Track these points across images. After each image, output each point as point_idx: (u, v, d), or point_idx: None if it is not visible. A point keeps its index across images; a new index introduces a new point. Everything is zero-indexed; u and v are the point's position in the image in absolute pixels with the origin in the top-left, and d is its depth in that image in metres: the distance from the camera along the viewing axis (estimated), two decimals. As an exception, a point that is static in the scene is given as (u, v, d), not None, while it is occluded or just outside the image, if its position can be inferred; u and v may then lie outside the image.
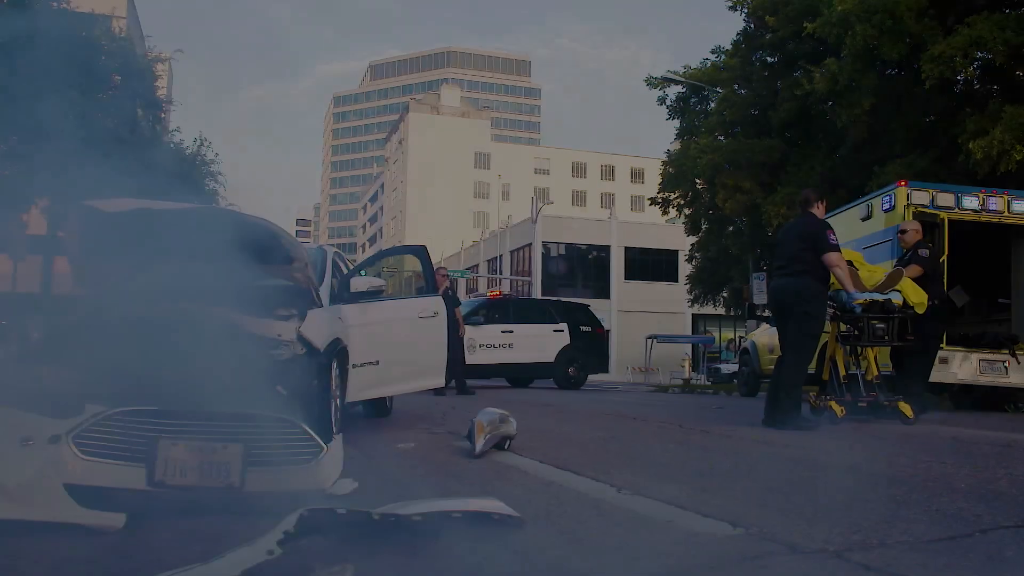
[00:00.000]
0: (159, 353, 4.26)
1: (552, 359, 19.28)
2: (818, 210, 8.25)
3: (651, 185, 32.84)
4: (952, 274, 11.08)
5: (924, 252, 9.42)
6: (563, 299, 34.56)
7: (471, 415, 5.82)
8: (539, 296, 45.57)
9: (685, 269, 35.18)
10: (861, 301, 8.31)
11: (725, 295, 31.45)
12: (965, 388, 11.75)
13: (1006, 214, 11.70)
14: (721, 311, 34.80)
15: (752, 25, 26.11)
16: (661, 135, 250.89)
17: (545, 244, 52.47)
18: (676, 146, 31.12)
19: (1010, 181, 15.64)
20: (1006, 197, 11.74)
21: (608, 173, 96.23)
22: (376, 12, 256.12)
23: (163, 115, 19.33)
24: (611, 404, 12.79)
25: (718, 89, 27.44)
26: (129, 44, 19.30)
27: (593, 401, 13.68)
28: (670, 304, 50.61)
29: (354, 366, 6.60)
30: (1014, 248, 12.32)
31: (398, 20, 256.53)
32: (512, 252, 57.61)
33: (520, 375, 20.06)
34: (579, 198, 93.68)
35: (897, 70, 20.43)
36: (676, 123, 31.04)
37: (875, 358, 8.88)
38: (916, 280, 8.88)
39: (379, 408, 8.55)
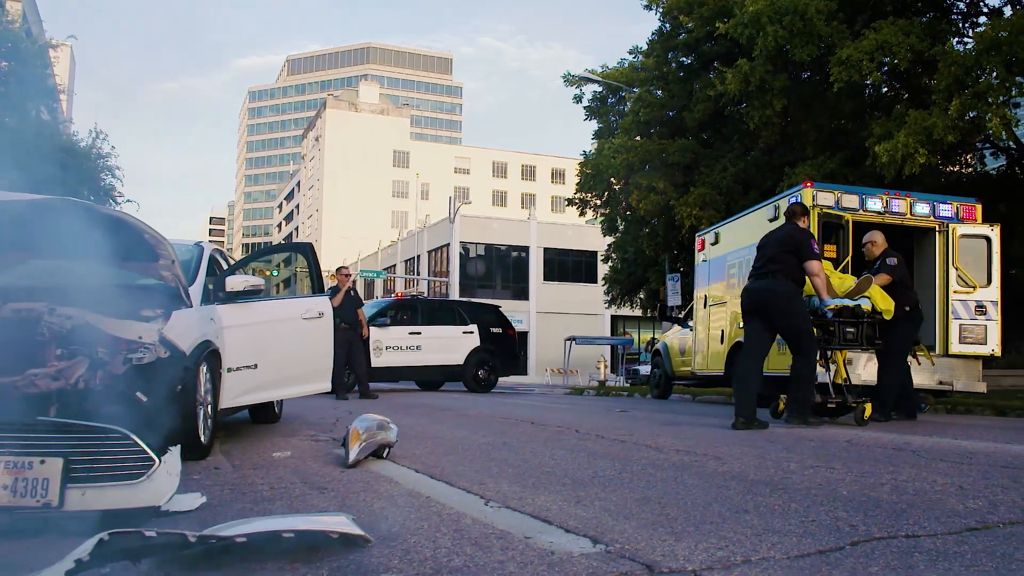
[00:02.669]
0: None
1: (462, 361, 19.00)
2: (803, 223, 8.62)
3: (572, 186, 32.80)
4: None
5: (892, 261, 9.73)
6: (474, 300, 34.34)
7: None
8: (456, 297, 45.26)
9: (603, 270, 35.14)
10: (833, 307, 8.64)
11: (642, 296, 31.43)
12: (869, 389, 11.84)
13: (908, 216, 11.88)
14: (639, 312, 34.85)
15: (667, 25, 26.21)
16: (583, 136, 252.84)
17: (463, 244, 52.12)
18: (594, 147, 31.09)
19: (915, 184, 15.92)
20: (909, 199, 11.95)
21: (529, 173, 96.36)
22: (295, 5, 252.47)
23: (56, 104, 18.49)
24: (516, 408, 12.58)
25: (634, 89, 27.46)
26: (23, 27, 18.41)
27: (498, 404, 13.46)
28: (589, 305, 50.72)
29: (229, 370, 6.24)
30: (916, 250, 12.46)
31: (318, 14, 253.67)
32: (430, 252, 57.21)
33: (429, 378, 19.79)
34: (499, 198, 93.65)
35: (808, 73, 20.66)
36: (595, 124, 31.09)
37: (843, 362, 9.22)
38: (886, 287, 9.26)
39: (265, 414, 8.21)
